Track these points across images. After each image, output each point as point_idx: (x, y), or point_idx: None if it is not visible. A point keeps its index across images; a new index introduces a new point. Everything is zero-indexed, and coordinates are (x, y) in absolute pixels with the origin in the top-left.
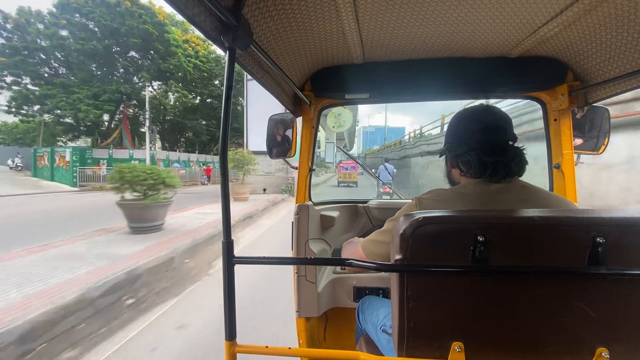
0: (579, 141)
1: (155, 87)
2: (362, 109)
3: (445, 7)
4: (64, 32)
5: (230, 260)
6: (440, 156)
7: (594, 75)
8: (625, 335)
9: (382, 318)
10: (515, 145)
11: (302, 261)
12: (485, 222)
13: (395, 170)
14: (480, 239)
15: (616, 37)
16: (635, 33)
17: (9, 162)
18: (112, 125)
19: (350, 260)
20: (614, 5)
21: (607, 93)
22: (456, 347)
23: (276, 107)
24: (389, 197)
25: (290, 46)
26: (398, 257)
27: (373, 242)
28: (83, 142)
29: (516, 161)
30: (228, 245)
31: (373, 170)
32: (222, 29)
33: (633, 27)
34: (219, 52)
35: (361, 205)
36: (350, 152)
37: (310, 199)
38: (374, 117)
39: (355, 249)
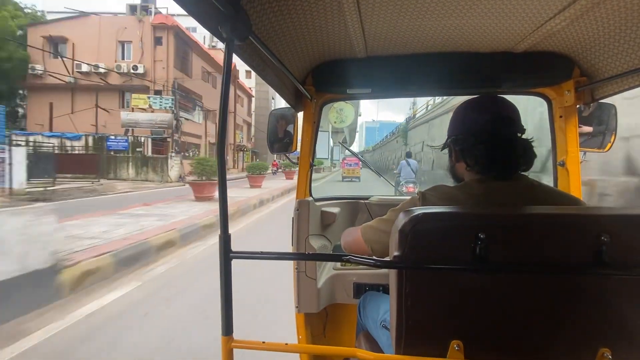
0: (584, 138)
1: None
2: (364, 104)
3: (450, 0)
4: None
5: (227, 255)
6: (442, 149)
7: (602, 71)
8: (629, 336)
9: (382, 314)
10: (524, 137)
11: (300, 257)
12: (486, 220)
13: (418, 166)
14: (481, 236)
15: (625, 31)
16: None
17: None
18: None
19: (348, 256)
20: None
21: (615, 89)
22: (455, 345)
23: None
24: None
25: (291, 39)
26: (397, 253)
27: (373, 229)
28: None
29: (525, 156)
30: (225, 239)
31: (392, 167)
32: (220, 19)
33: None
34: None
35: (362, 201)
36: (351, 148)
37: (310, 195)
38: (376, 112)
39: (355, 234)
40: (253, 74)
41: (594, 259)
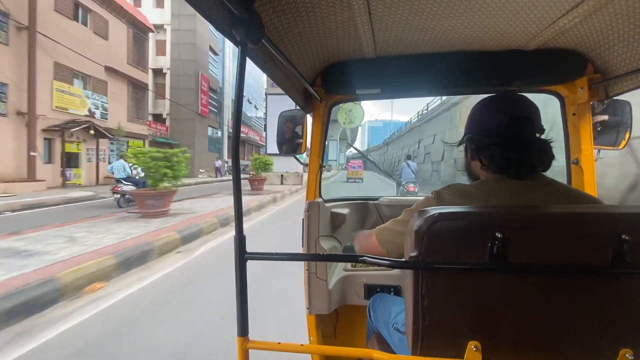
0: (597, 135)
1: None
2: (366, 103)
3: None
4: None
5: (242, 257)
6: (458, 145)
7: (616, 68)
8: None
9: (394, 316)
10: (542, 137)
11: (314, 257)
12: (504, 219)
13: (418, 168)
14: (498, 235)
15: (639, 26)
16: None
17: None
18: None
19: (363, 257)
20: None
21: (629, 86)
22: (472, 346)
23: None
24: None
25: (302, 40)
26: (413, 254)
27: (388, 230)
28: None
29: (542, 156)
30: (240, 241)
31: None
32: (234, 22)
33: None
34: None
35: (372, 202)
36: (353, 147)
37: (320, 196)
38: (380, 112)
39: (369, 237)
40: (168, 3)
41: (614, 258)
